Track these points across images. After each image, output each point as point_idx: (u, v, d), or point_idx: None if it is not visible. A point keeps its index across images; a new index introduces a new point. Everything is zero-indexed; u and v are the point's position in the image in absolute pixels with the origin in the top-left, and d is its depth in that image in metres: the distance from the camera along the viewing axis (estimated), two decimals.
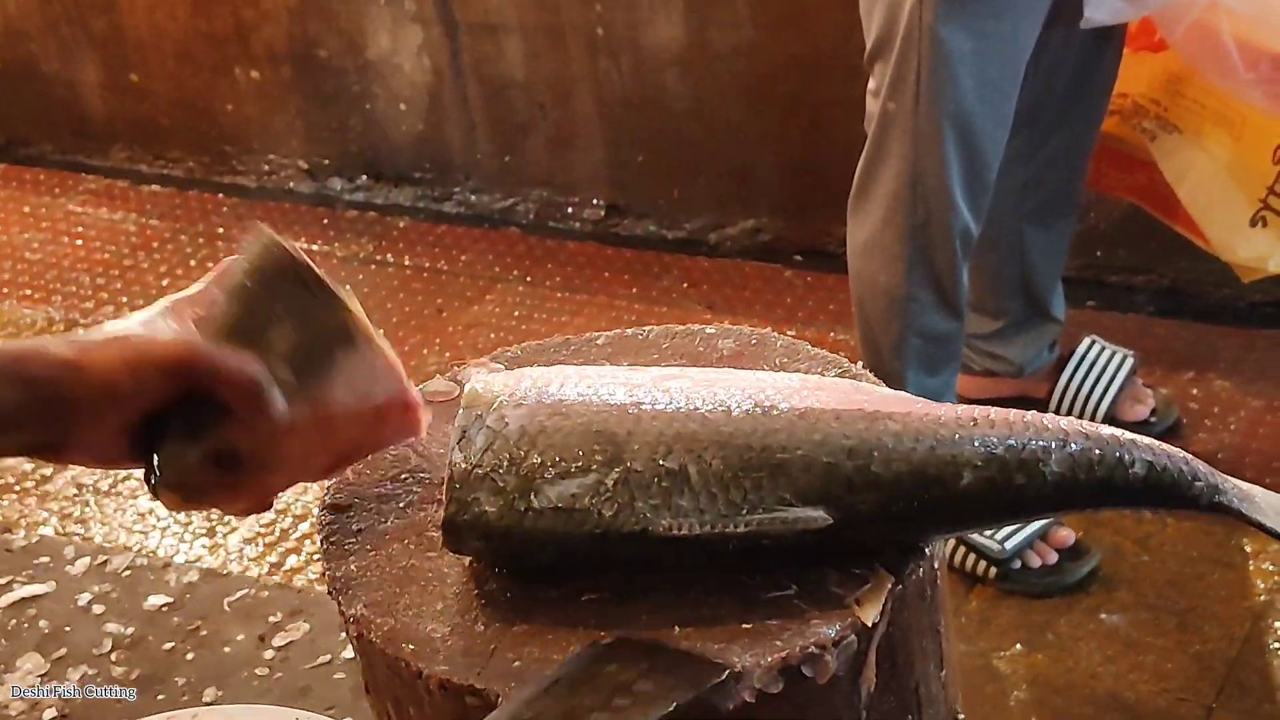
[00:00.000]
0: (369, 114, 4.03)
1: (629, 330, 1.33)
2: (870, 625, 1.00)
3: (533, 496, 1.04)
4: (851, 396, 1.08)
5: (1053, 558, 2.63)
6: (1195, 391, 2.99)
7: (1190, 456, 1.06)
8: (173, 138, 4.33)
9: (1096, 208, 3.24)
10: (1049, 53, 2.55)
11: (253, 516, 3.02)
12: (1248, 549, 2.65)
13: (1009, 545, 2.61)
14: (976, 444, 1.03)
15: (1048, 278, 2.88)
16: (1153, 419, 2.90)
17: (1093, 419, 2.88)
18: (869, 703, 1.04)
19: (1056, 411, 2.92)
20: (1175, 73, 2.74)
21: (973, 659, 2.52)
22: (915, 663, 1.08)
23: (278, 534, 2.96)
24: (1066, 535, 2.65)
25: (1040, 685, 2.46)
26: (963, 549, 2.65)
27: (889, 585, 1.02)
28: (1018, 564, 2.63)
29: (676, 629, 1.03)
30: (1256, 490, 1.08)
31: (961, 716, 1.14)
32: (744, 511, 1.02)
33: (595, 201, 3.85)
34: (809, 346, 1.27)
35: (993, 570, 2.63)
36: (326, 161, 4.16)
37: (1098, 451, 1.03)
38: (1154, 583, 2.61)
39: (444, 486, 1.07)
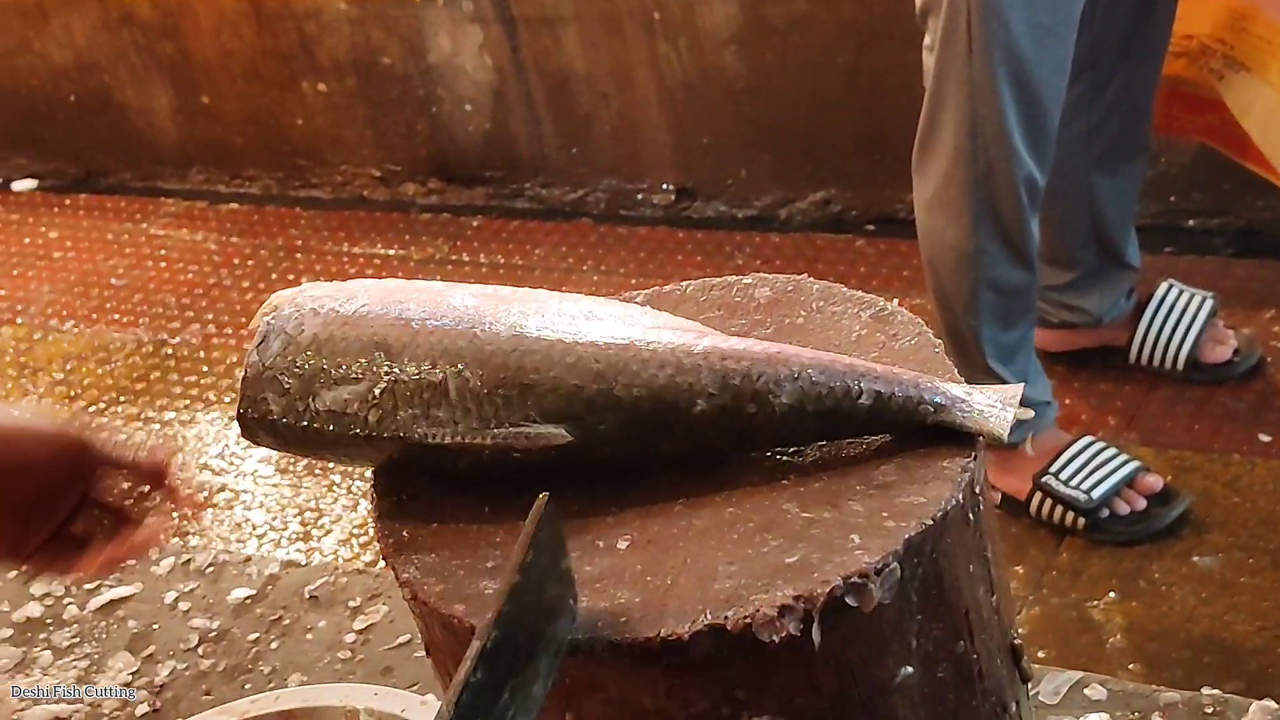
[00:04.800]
0: (435, 117, 4.06)
1: (666, 286, 1.34)
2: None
3: (311, 399, 1.13)
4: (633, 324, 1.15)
5: (1141, 504, 2.60)
6: (1277, 329, 2.94)
7: (922, 380, 1.10)
8: (247, 156, 4.39)
9: (1168, 153, 3.20)
10: None
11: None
12: None
13: (1095, 495, 2.59)
14: (714, 373, 1.10)
15: (1120, 225, 2.85)
16: (1236, 359, 2.86)
17: (1174, 363, 2.86)
18: (919, 630, 1.03)
19: (1138, 358, 2.89)
20: (1240, 10, 2.70)
21: (1066, 610, 2.50)
22: (963, 588, 1.07)
23: (369, 534, 2.99)
24: (1154, 481, 2.62)
25: (1136, 632, 2.43)
26: (1049, 502, 2.63)
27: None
28: (1106, 513, 2.60)
29: (720, 568, 1.04)
30: (975, 393, 1.10)
31: (1018, 642, 1.13)
32: (492, 426, 1.10)
33: (664, 186, 3.86)
34: (844, 289, 1.27)
35: (1081, 521, 2.61)
36: (398, 168, 4.20)
37: (826, 385, 1.09)
38: (1245, 523, 2.57)
39: (240, 383, 1.17)
